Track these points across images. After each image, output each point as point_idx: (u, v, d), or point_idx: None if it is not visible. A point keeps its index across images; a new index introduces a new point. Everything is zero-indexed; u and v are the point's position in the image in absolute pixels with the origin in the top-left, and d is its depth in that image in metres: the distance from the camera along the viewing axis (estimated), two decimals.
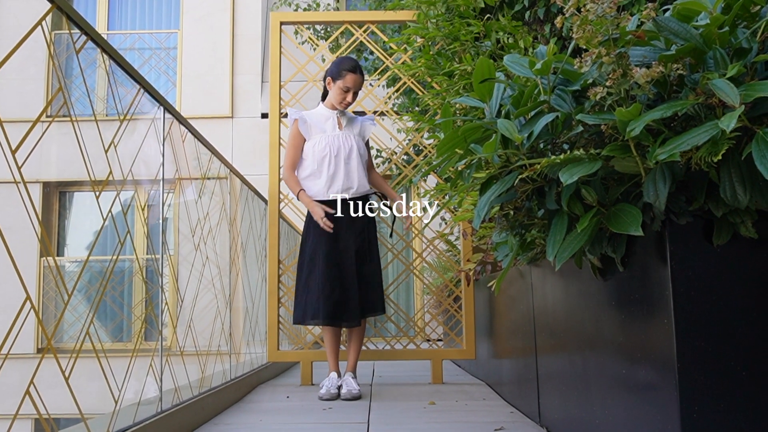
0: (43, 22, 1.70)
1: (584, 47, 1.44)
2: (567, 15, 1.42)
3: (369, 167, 3.62)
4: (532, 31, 3.12)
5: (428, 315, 6.38)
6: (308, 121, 3.50)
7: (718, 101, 1.25)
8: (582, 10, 1.41)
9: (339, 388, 3.34)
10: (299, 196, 3.45)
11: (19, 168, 1.59)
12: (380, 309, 3.46)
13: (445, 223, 5.29)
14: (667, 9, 1.45)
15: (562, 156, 1.38)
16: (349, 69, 3.42)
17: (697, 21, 1.38)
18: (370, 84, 5.64)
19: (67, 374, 1.81)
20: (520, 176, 1.51)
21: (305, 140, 3.49)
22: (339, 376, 3.43)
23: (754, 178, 1.25)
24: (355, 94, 3.48)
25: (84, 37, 1.93)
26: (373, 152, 6.05)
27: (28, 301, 1.61)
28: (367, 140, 3.61)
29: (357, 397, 3.27)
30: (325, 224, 3.29)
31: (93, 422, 2.35)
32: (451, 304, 4.23)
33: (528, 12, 3.05)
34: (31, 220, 1.75)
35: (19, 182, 1.61)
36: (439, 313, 5.14)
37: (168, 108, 2.58)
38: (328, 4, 7.69)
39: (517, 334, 2.78)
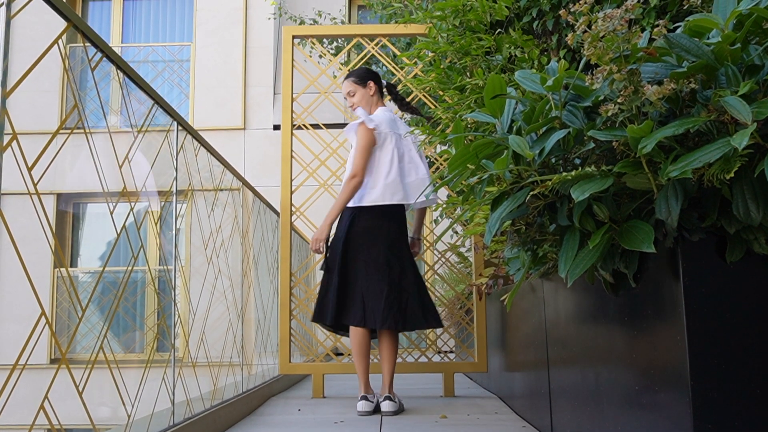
0: (59, 40, 1.73)
1: (596, 63, 1.44)
2: (578, 32, 1.42)
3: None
4: (541, 43, 3.11)
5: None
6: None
7: (730, 118, 1.25)
8: (593, 26, 1.42)
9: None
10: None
11: (34, 183, 1.61)
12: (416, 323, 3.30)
13: (457, 235, 5.28)
14: (679, 26, 1.46)
15: (573, 172, 1.38)
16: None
17: (708, 38, 1.38)
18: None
19: (80, 386, 1.83)
20: (531, 192, 1.51)
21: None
22: (369, 395, 3.28)
23: (767, 195, 1.25)
24: (351, 96, 3.50)
25: (99, 54, 1.95)
26: None
27: (42, 311, 1.62)
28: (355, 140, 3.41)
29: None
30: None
31: None
32: (462, 316, 4.22)
33: (536, 22, 3.06)
34: (45, 232, 1.77)
35: (34, 194, 1.63)
36: (451, 326, 5.13)
37: (181, 122, 2.60)
38: (334, 18, 7.70)
39: (529, 348, 2.76)
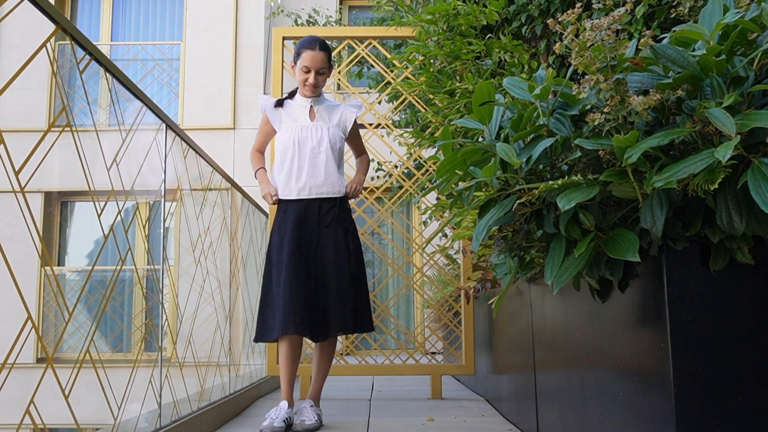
0: (47, 43, 1.73)
1: (583, 71, 1.45)
2: (565, 41, 1.43)
3: (358, 154, 3.30)
4: (530, 48, 3.13)
5: (428, 330, 6.38)
6: (279, 110, 3.12)
7: (714, 129, 1.26)
8: (580, 35, 1.43)
9: (288, 419, 2.79)
10: (256, 174, 3.15)
11: (21, 185, 1.61)
12: (362, 326, 2.96)
13: (445, 238, 5.30)
14: (665, 36, 1.47)
15: (560, 181, 1.39)
16: (305, 46, 2.99)
17: (694, 49, 1.40)
18: (371, 100, 5.67)
19: (66, 387, 1.82)
20: (518, 201, 1.52)
21: (275, 131, 3.14)
22: (290, 405, 2.85)
23: (750, 206, 1.26)
24: (321, 75, 3.03)
25: (88, 57, 1.95)
26: (374, 165, 5.99)
27: (28, 315, 1.62)
28: (354, 129, 3.16)
29: (311, 430, 2.80)
30: (270, 199, 3.03)
31: None
32: (450, 319, 4.23)
33: (525, 27, 3.07)
34: (30, 231, 1.77)
35: (18, 192, 1.62)
36: (439, 328, 5.14)
37: (171, 125, 2.60)
38: (330, 17, 7.69)
39: (516, 351, 2.78)
